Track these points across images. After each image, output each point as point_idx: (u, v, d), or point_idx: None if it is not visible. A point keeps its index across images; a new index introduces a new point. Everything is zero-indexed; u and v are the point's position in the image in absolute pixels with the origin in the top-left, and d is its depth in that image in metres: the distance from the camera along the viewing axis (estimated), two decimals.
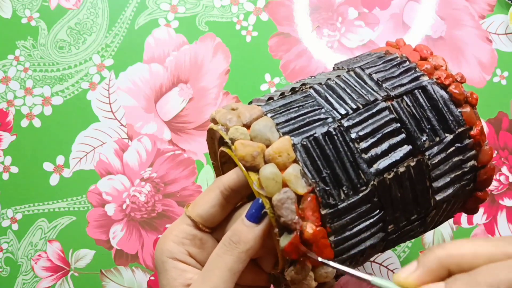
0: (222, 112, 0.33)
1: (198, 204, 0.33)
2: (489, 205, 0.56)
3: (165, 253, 0.32)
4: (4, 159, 0.59)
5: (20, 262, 0.57)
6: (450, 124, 0.34)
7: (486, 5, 0.60)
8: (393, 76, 0.35)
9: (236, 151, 0.30)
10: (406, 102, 0.34)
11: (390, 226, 0.33)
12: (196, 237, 0.32)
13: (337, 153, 0.31)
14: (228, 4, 0.61)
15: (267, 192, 0.29)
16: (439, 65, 0.36)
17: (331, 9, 0.61)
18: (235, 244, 0.30)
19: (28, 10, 0.62)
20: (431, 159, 0.33)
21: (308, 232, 0.29)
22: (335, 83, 0.35)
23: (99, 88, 0.60)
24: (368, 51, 0.41)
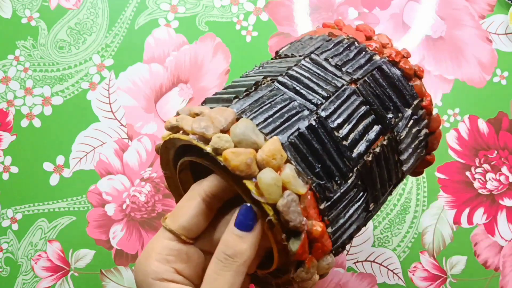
0: (187, 119, 0.31)
1: (178, 215, 0.30)
2: (489, 205, 0.56)
3: (150, 275, 0.29)
4: (4, 159, 0.59)
5: (20, 262, 0.57)
6: (407, 99, 0.36)
7: (486, 5, 0.60)
8: (349, 59, 0.35)
9: (228, 162, 0.27)
10: (368, 83, 0.34)
11: (371, 205, 0.34)
12: (181, 252, 0.30)
13: (323, 145, 0.31)
14: (228, 4, 0.61)
15: (269, 198, 0.27)
16: (386, 43, 0.37)
17: (331, 9, 0.61)
18: (231, 258, 0.28)
19: (28, 10, 0.62)
20: (398, 135, 0.35)
21: (317, 231, 0.29)
22: (297, 72, 0.34)
23: (99, 88, 0.60)
24: (308, 34, 0.40)
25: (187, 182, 0.36)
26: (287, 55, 0.38)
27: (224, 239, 0.29)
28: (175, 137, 0.31)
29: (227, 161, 0.27)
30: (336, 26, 0.40)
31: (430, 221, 0.56)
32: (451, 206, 0.56)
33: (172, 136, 0.32)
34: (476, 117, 0.58)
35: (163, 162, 0.36)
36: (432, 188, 0.56)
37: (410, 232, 0.56)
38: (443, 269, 0.55)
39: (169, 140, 0.33)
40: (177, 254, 0.30)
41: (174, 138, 0.32)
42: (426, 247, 0.55)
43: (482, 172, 0.56)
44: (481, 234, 0.55)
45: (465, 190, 0.56)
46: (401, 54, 0.36)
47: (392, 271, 0.55)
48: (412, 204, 0.56)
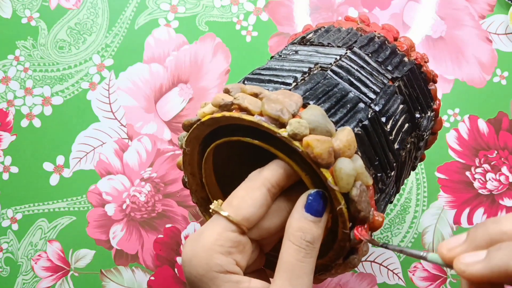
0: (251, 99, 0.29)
1: (242, 206, 0.29)
2: (489, 205, 0.56)
3: (214, 268, 0.27)
4: (4, 159, 0.59)
5: (20, 262, 0.57)
6: (428, 101, 0.37)
7: (486, 5, 0.60)
8: (386, 58, 0.36)
9: (311, 149, 0.26)
10: (403, 83, 0.35)
11: (393, 198, 0.36)
12: (240, 243, 0.29)
13: (379, 138, 0.31)
14: (228, 4, 0.61)
15: (343, 188, 0.27)
16: (411, 45, 0.38)
17: (331, 9, 0.61)
18: (312, 244, 0.28)
19: (28, 10, 0.62)
20: (422, 133, 0.36)
21: (378, 221, 0.29)
22: (347, 64, 0.34)
23: (99, 88, 0.60)
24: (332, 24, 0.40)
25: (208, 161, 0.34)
26: (321, 43, 0.37)
27: (299, 225, 0.28)
28: (235, 116, 0.29)
29: (310, 148, 0.27)
30: (362, 21, 0.40)
31: (430, 221, 0.56)
32: (451, 206, 0.56)
33: (231, 115, 0.29)
34: (476, 117, 0.58)
35: (189, 138, 0.33)
36: (432, 188, 0.56)
37: (410, 232, 0.56)
38: (443, 269, 0.55)
39: (219, 118, 0.30)
40: (237, 246, 0.29)
41: (232, 117, 0.29)
42: (426, 247, 0.55)
43: (482, 172, 0.56)
44: None
45: (465, 190, 0.56)
46: (424, 58, 0.38)
47: (392, 271, 0.55)
48: (412, 204, 0.56)
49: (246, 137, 0.30)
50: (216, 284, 0.27)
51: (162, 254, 0.56)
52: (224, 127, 0.31)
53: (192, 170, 0.36)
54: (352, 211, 0.28)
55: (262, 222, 0.30)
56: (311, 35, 0.39)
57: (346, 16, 0.42)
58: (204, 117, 0.31)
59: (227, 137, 0.31)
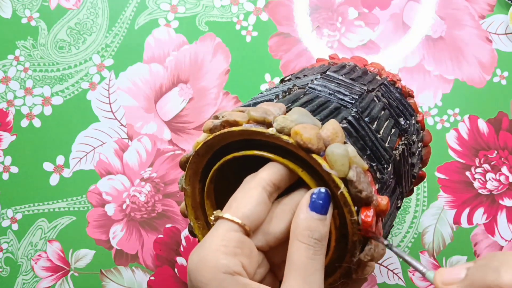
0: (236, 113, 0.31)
1: (240, 206, 0.29)
2: (489, 205, 0.56)
3: (221, 269, 0.26)
4: (4, 159, 0.59)
5: (20, 262, 0.57)
6: (410, 110, 0.40)
7: (486, 5, 0.60)
8: (358, 76, 0.39)
9: (299, 136, 0.28)
10: (381, 93, 0.38)
11: (399, 202, 0.36)
12: (245, 244, 0.28)
13: (367, 133, 0.32)
14: (228, 4, 0.61)
15: (340, 171, 0.28)
16: (382, 68, 0.42)
17: (331, 9, 0.61)
18: (320, 241, 0.28)
19: (28, 10, 0.62)
20: (411, 138, 0.38)
21: (383, 204, 0.29)
22: (323, 81, 0.36)
23: (99, 88, 0.60)
24: (306, 67, 0.46)
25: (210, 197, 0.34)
26: (298, 77, 0.40)
27: (306, 224, 0.28)
28: (225, 132, 0.30)
29: (299, 135, 0.28)
30: (332, 59, 0.45)
31: (430, 221, 0.56)
32: (451, 206, 0.56)
33: (221, 132, 0.30)
34: (476, 117, 0.58)
35: (188, 175, 0.33)
36: (432, 188, 0.56)
37: (410, 232, 0.56)
38: None
39: (208, 142, 0.31)
40: (242, 247, 0.28)
41: (222, 134, 0.30)
42: (426, 247, 0.55)
43: (482, 172, 0.56)
44: (481, 234, 0.55)
45: (465, 190, 0.56)
46: (396, 77, 0.41)
47: (392, 271, 0.55)
48: (412, 204, 0.56)
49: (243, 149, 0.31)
50: (224, 286, 0.26)
51: (162, 254, 0.56)
52: (218, 155, 0.32)
53: (196, 215, 0.35)
54: (353, 194, 0.28)
55: (267, 226, 0.30)
56: (289, 77, 0.44)
57: (318, 58, 0.48)
58: (198, 146, 0.32)
59: (223, 158, 0.32)
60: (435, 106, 0.58)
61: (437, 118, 0.58)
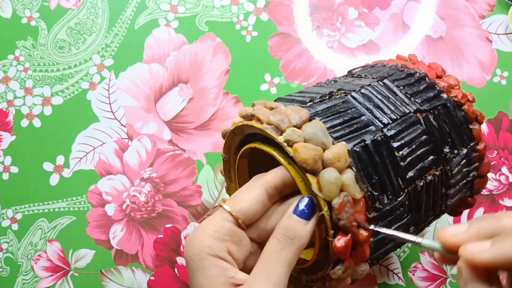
0: (263, 110, 0.33)
1: (240, 200, 0.32)
2: (489, 205, 0.56)
3: (205, 250, 0.30)
4: (4, 159, 0.59)
5: (20, 262, 0.57)
6: (465, 139, 0.38)
7: (486, 5, 0.60)
8: (419, 91, 0.37)
9: (297, 154, 0.30)
10: (432, 116, 0.36)
11: (412, 228, 0.36)
12: (235, 234, 0.31)
13: (383, 160, 0.33)
14: (228, 4, 0.61)
15: (327, 195, 0.30)
16: (454, 84, 0.39)
17: (331, 9, 0.61)
18: (291, 240, 0.30)
19: (28, 10, 0.62)
20: (450, 169, 0.37)
21: (362, 235, 0.31)
22: (370, 92, 0.36)
23: (99, 88, 0.60)
24: (381, 62, 0.43)
25: (242, 169, 0.39)
26: (360, 76, 0.40)
27: (284, 224, 0.31)
28: (249, 124, 0.34)
29: (297, 153, 0.30)
30: (410, 60, 0.43)
31: None
32: None
33: (246, 123, 0.34)
34: None
35: (226, 146, 0.38)
36: None
37: None
38: (443, 269, 0.55)
39: (240, 126, 0.35)
40: (231, 235, 0.31)
41: (247, 125, 0.34)
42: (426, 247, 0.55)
43: None
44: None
45: None
46: (467, 97, 0.39)
47: (392, 271, 0.55)
48: None
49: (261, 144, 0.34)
50: (204, 265, 0.30)
51: (162, 254, 0.56)
52: (250, 138, 0.36)
53: (231, 177, 0.41)
54: (333, 219, 0.30)
55: (261, 222, 0.33)
56: (357, 70, 0.43)
57: (398, 54, 0.44)
58: (233, 126, 0.36)
59: (249, 145, 0.35)
60: None
61: None
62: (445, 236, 0.27)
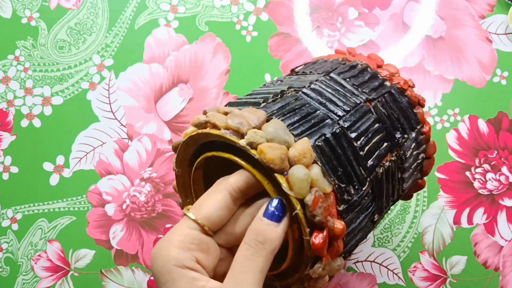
0: (219, 116, 0.32)
1: (204, 206, 0.31)
2: (489, 205, 0.56)
3: (171, 261, 0.29)
4: (4, 159, 0.59)
5: (20, 262, 0.57)
6: (412, 123, 0.39)
7: (486, 5, 0.60)
8: (364, 81, 0.38)
9: (263, 155, 0.29)
10: (381, 104, 0.37)
11: (376, 216, 0.36)
12: (202, 242, 0.30)
13: (344, 152, 0.33)
14: (228, 4, 0.61)
15: (298, 193, 0.29)
16: (395, 72, 0.41)
17: (331, 9, 0.61)
18: (262, 244, 0.29)
19: (28, 10, 0.62)
20: (404, 153, 0.38)
21: (338, 229, 0.30)
22: (319, 87, 0.36)
23: (99, 88, 0.60)
24: (322, 58, 0.44)
25: (198, 181, 0.37)
26: (305, 73, 0.40)
27: (254, 227, 0.30)
28: (204, 132, 0.32)
29: (263, 154, 0.29)
30: (349, 53, 0.44)
31: (430, 221, 0.56)
32: (451, 206, 0.56)
33: (202, 131, 0.33)
34: (476, 117, 0.58)
35: (178, 160, 0.37)
36: (432, 188, 0.56)
37: (410, 232, 0.56)
38: (443, 269, 0.55)
39: (195, 136, 0.34)
40: (198, 243, 0.30)
41: (203, 133, 0.33)
42: (426, 247, 0.55)
43: (482, 172, 0.56)
44: (481, 234, 0.55)
45: (465, 190, 0.56)
46: (408, 83, 0.40)
47: (392, 271, 0.55)
48: (412, 204, 0.56)
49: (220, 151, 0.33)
50: (172, 277, 0.28)
51: None
52: (205, 147, 0.34)
53: (185, 193, 0.39)
54: (308, 216, 0.29)
55: (228, 227, 0.32)
56: (299, 68, 0.43)
57: (336, 49, 0.45)
58: (185, 137, 0.34)
59: (205, 154, 0.34)
60: (435, 106, 0.58)
61: (437, 118, 0.58)
62: None
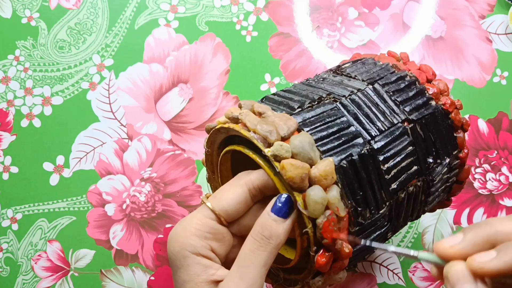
0: (251, 117, 0.32)
1: (222, 198, 0.32)
2: (489, 205, 0.56)
3: (187, 247, 0.30)
4: (4, 159, 0.59)
5: (20, 262, 0.57)
6: (449, 148, 0.37)
7: (486, 5, 0.60)
8: (408, 98, 0.36)
9: (285, 172, 0.29)
10: (420, 126, 0.36)
11: (389, 234, 0.36)
12: (217, 231, 0.32)
13: (368, 175, 0.32)
14: (228, 4, 0.61)
15: (312, 213, 0.29)
16: (444, 90, 0.38)
17: (331, 9, 0.61)
18: (267, 239, 0.30)
19: (28, 10, 0.62)
20: (432, 179, 0.36)
21: (345, 252, 0.31)
22: (359, 98, 0.35)
23: (99, 88, 0.60)
24: (371, 57, 0.42)
25: (225, 163, 0.38)
26: (350, 75, 0.39)
27: (261, 222, 0.31)
28: (235, 128, 0.33)
29: (284, 170, 0.29)
30: (401, 59, 0.41)
31: (430, 221, 0.56)
32: (451, 206, 0.56)
33: (233, 127, 0.33)
34: (476, 117, 0.58)
35: (209, 141, 0.38)
36: None
37: (410, 232, 0.56)
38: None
39: (226, 128, 0.34)
40: (214, 233, 0.31)
41: (234, 129, 0.33)
42: (426, 247, 0.55)
43: (482, 172, 0.56)
44: None
45: (465, 190, 0.56)
46: (455, 105, 0.38)
47: (392, 271, 0.55)
48: None
49: (248, 148, 0.33)
50: (186, 262, 0.30)
51: (162, 254, 0.56)
52: (237, 136, 0.35)
53: (212, 169, 0.40)
54: (317, 236, 0.30)
55: (243, 219, 0.33)
56: (346, 65, 0.41)
57: (389, 51, 0.43)
58: (218, 125, 0.35)
59: (233, 146, 0.35)
60: None
61: None
62: (442, 248, 0.27)
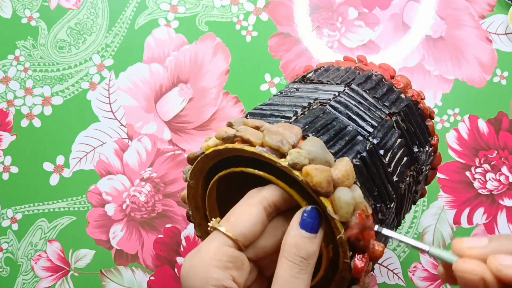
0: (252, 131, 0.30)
1: (238, 221, 0.29)
2: (489, 205, 0.56)
3: (211, 282, 0.28)
4: (4, 159, 0.59)
5: (20, 262, 0.57)
6: (426, 136, 0.38)
7: (486, 5, 0.60)
8: (383, 94, 0.37)
9: (311, 178, 0.28)
10: (401, 118, 0.36)
11: (395, 230, 0.37)
12: (237, 259, 0.29)
13: (378, 170, 0.32)
14: (228, 4, 0.61)
15: (343, 217, 0.28)
16: (407, 83, 0.40)
17: (331, 9, 0.61)
18: (306, 260, 0.28)
19: (28, 10, 0.62)
20: (421, 168, 0.37)
21: (378, 251, 0.29)
22: (345, 100, 0.35)
23: (99, 88, 0.60)
24: (330, 64, 0.43)
25: (211, 192, 0.35)
26: (321, 81, 0.39)
27: (294, 242, 0.29)
28: (236, 147, 0.30)
29: (310, 177, 0.28)
30: (360, 61, 0.42)
31: (430, 221, 0.56)
32: (451, 206, 0.56)
33: (232, 146, 0.30)
34: (476, 117, 0.58)
35: (194, 171, 0.34)
36: (432, 188, 0.56)
37: (410, 232, 0.56)
38: None
39: (222, 150, 0.31)
40: (234, 261, 0.29)
41: (233, 148, 0.30)
42: None
43: (482, 172, 0.56)
44: (481, 234, 0.55)
45: (465, 190, 0.56)
46: (420, 95, 0.39)
47: (392, 271, 0.55)
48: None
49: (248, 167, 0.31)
50: None
51: (162, 254, 0.56)
52: (226, 160, 0.33)
53: (196, 204, 0.37)
54: (352, 240, 0.29)
55: (258, 240, 0.31)
56: (311, 74, 0.41)
57: (345, 56, 0.44)
58: (208, 150, 0.32)
59: (231, 168, 0.32)
60: (435, 106, 0.58)
61: (437, 118, 0.58)
62: (461, 248, 0.26)
